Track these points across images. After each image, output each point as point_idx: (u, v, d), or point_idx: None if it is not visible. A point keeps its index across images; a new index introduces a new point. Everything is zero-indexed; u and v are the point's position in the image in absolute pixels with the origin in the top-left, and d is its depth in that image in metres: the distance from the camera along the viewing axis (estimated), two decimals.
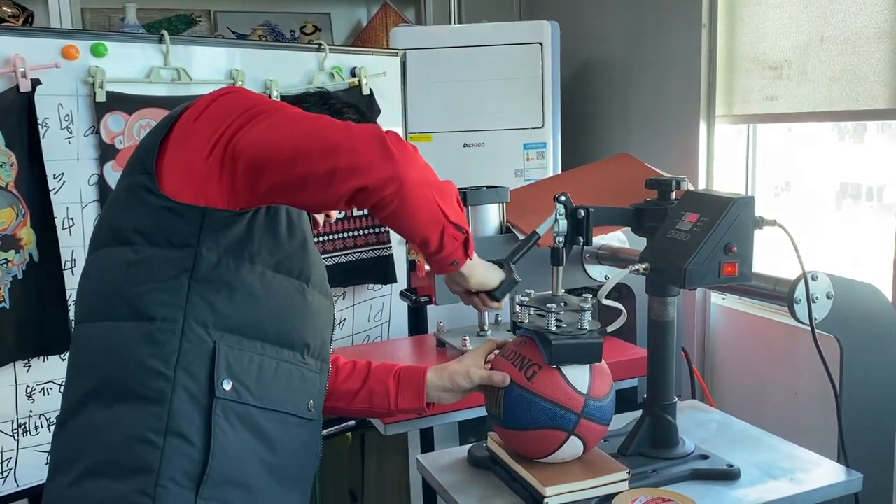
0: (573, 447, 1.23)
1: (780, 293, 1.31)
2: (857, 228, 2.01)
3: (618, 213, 1.34)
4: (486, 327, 1.85)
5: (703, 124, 2.24)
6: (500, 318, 1.93)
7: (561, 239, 1.27)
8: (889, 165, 1.93)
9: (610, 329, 1.29)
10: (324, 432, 2.11)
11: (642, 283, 1.38)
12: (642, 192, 1.42)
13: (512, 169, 2.43)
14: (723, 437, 1.47)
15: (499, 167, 2.41)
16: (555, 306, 1.23)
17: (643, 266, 1.24)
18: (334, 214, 1.34)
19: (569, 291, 1.32)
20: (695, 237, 1.18)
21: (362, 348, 2.01)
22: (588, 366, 1.24)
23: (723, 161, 2.24)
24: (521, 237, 1.77)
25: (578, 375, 1.22)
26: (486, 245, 1.76)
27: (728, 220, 1.17)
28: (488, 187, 1.82)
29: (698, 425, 1.52)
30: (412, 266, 1.81)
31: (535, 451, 1.25)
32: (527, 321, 1.26)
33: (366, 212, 2.08)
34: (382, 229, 2.13)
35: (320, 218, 1.31)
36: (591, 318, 1.25)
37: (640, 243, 1.50)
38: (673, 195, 1.33)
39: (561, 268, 1.28)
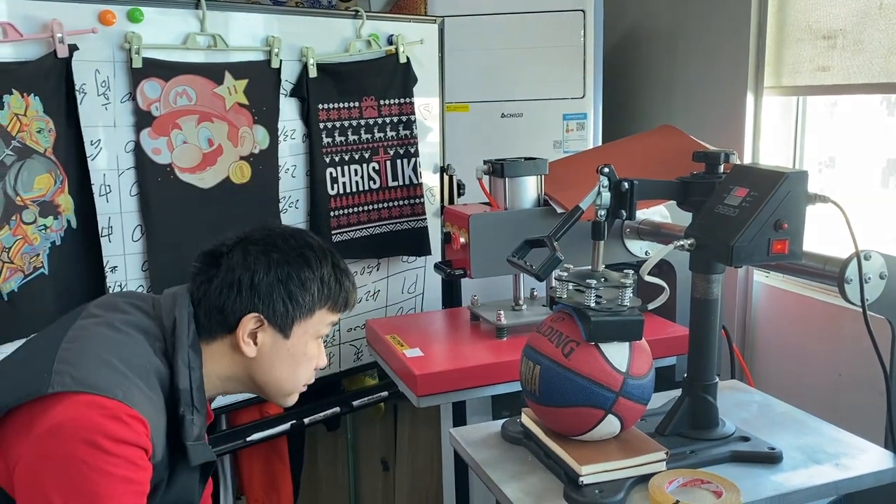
0: (610, 426, 1.20)
1: (829, 272, 1.26)
2: None
3: (663, 187, 1.29)
4: (521, 302, 1.82)
5: (751, 96, 2.16)
6: (535, 293, 1.90)
7: (603, 213, 1.24)
8: None
9: (651, 306, 1.25)
10: (356, 402, 2.13)
11: (683, 260, 1.33)
12: (687, 166, 1.37)
13: (550, 140, 2.38)
14: (764, 418, 1.43)
15: (537, 138, 2.36)
16: (594, 282, 1.19)
17: (688, 242, 1.20)
18: None
19: (608, 267, 1.29)
20: (743, 213, 1.14)
21: (396, 320, 2.00)
22: (628, 343, 1.20)
23: (769, 135, 2.16)
24: (559, 211, 1.73)
25: (617, 353, 1.19)
26: (524, 218, 1.73)
27: (779, 195, 1.12)
28: (526, 159, 1.78)
29: (738, 406, 1.49)
30: (447, 238, 1.78)
31: (570, 429, 1.22)
32: (565, 297, 1.23)
33: (401, 182, 2.06)
34: (418, 200, 2.10)
35: None
36: (632, 295, 1.21)
37: (683, 219, 1.45)
38: (721, 169, 1.28)
39: (602, 242, 1.24)
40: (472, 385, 1.59)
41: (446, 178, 2.21)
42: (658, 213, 1.81)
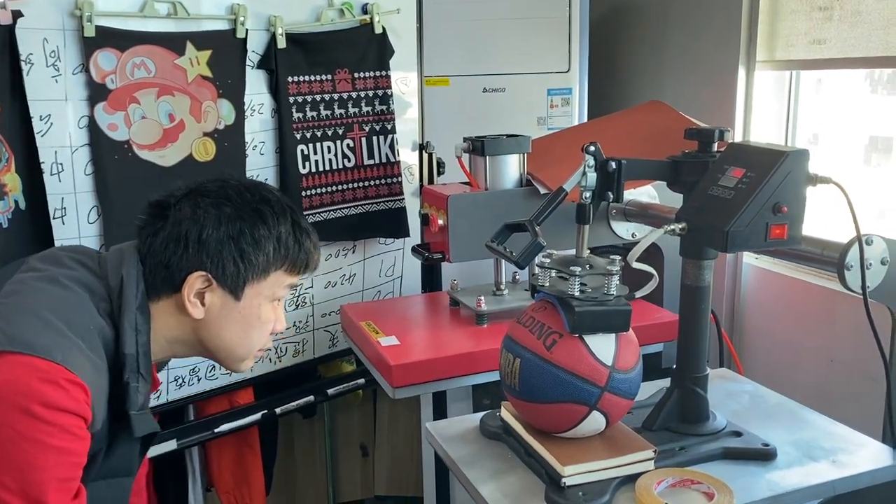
0: (595, 422, 1.12)
1: (828, 258, 1.18)
2: (887, 183, 1.86)
3: (652, 166, 1.20)
4: (502, 287, 1.74)
5: (742, 70, 2.08)
6: (518, 277, 1.82)
7: (588, 194, 1.15)
8: None
9: (639, 294, 1.17)
10: (331, 391, 2.05)
11: (672, 243, 1.25)
12: (678, 144, 1.29)
13: (534, 116, 2.28)
14: (756, 410, 1.36)
15: (520, 114, 2.26)
16: (579, 269, 1.11)
17: (679, 226, 1.11)
18: None
19: (592, 250, 1.20)
20: (740, 195, 1.05)
21: (372, 305, 1.91)
22: (614, 335, 1.12)
23: (761, 111, 2.08)
24: (542, 191, 1.65)
25: (603, 345, 1.11)
26: (505, 199, 1.64)
27: (778, 176, 1.03)
28: (508, 136, 1.69)
29: (729, 397, 1.41)
30: (425, 220, 1.69)
31: (553, 426, 1.14)
32: (547, 285, 1.15)
33: (377, 160, 1.96)
34: (395, 179, 2.01)
35: None
36: (618, 283, 1.13)
37: (672, 199, 1.37)
38: (714, 147, 1.20)
39: (587, 226, 1.15)
40: (450, 375, 1.51)
41: (425, 156, 2.12)
42: (646, 193, 1.73)
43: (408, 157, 2.08)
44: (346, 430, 2.68)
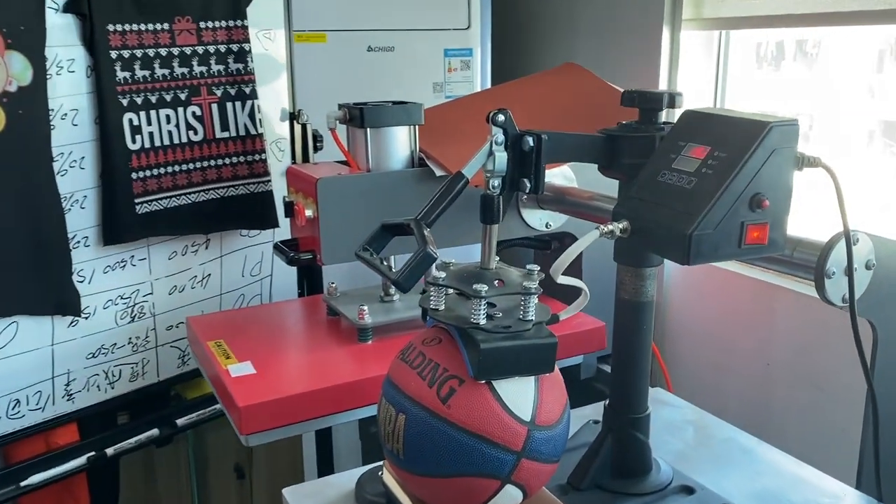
0: (508, 498, 0.81)
1: (801, 261, 0.91)
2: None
3: (581, 143, 0.89)
4: (392, 292, 1.41)
5: (667, 30, 1.80)
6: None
7: (497, 182, 0.82)
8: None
9: (566, 315, 0.87)
10: (181, 421, 1.67)
11: (590, 230, 0.96)
12: (606, 114, 0.98)
13: (429, 82, 1.94)
14: (704, 449, 1.10)
15: (413, 79, 1.92)
16: (485, 287, 0.79)
17: (620, 226, 0.81)
18: None
19: (499, 247, 0.89)
20: (705, 183, 0.75)
21: (226, 316, 1.53)
22: (533, 378, 0.81)
23: (688, 75, 1.82)
24: (438, 173, 1.31)
25: (519, 394, 0.80)
26: (392, 183, 1.30)
27: (759, 156, 0.74)
28: (394, 103, 1.34)
29: (669, 430, 1.14)
30: (288, 209, 1.33)
31: None
32: (442, 309, 0.82)
33: (233, 132, 1.58)
34: (258, 156, 1.62)
35: None
36: (538, 304, 0.82)
37: (596, 182, 1.08)
38: (662, 117, 0.90)
39: (496, 227, 0.83)
40: (321, 413, 1.17)
41: (297, 127, 1.74)
42: (560, 174, 1.42)
43: (275, 130, 1.70)
44: (218, 449, 2.30)
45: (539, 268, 0.85)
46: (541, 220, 1.43)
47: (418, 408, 0.79)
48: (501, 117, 0.81)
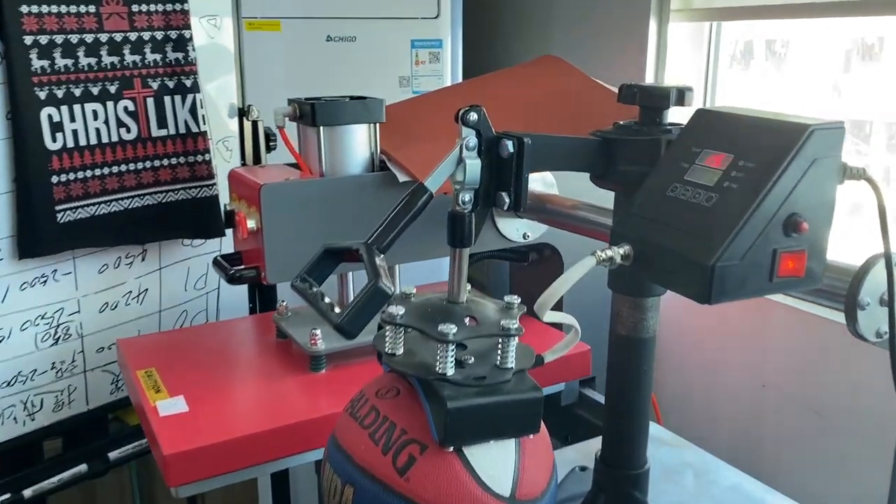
0: None
1: (829, 287, 0.76)
2: None
3: (571, 148, 0.73)
4: None
5: (654, 21, 1.66)
6: None
7: (468, 197, 0.67)
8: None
9: (553, 357, 0.72)
10: (117, 453, 1.49)
11: (574, 242, 0.81)
12: (593, 114, 0.84)
13: (395, 76, 1.79)
14: (707, 500, 0.95)
15: (377, 73, 1.76)
16: (453, 328, 0.63)
17: (621, 251, 0.65)
18: None
19: (470, 257, 0.74)
20: (729, 200, 0.60)
21: (169, 336, 1.35)
22: (514, 442, 0.66)
23: (676, 70, 1.68)
24: (402, 178, 1.15)
25: (497, 463, 0.64)
26: (347, 191, 1.13)
27: (797, 167, 0.59)
28: (352, 98, 1.17)
29: (666, 476, 1.00)
30: (229, 219, 1.16)
31: None
32: (400, 354, 0.66)
33: (172, 129, 1.40)
34: (201, 157, 1.45)
35: None
36: (519, 345, 0.67)
37: (582, 191, 0.93)
38: (666, 117, 0.74)
39: (466, 251, 0.67)
40: (262, 459, 1.00)
41: (248, 125, 1.57)
42: (540, 179, 1.27)
43: (223, 127, 1.53)
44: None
45: (519, 299, 0.70)
46: (518, 230, 1.27)
47: (369, 480, 0.64)
48: (474, 116, 0.66)
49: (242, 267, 1.17)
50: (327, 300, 0.64)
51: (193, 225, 1.47)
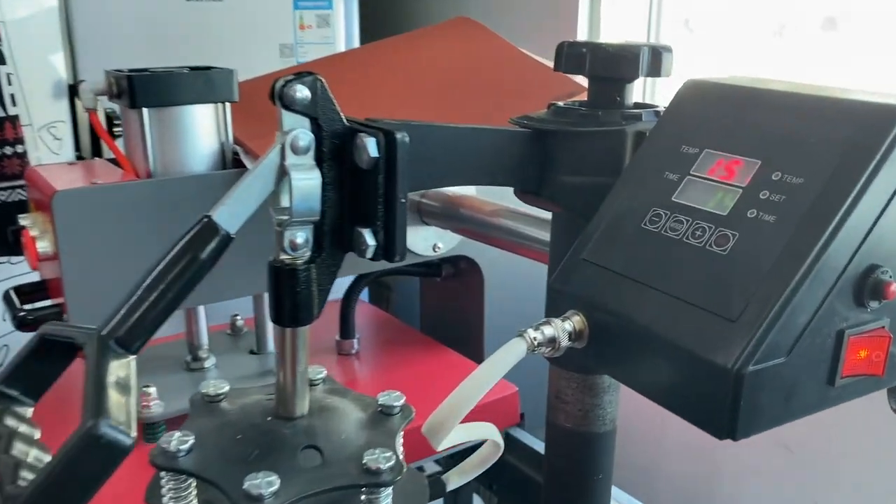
0: None
1: None
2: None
3: (481, 147, 0.45)
4: (203, 355, 0.94)
5: None
6: (240, 326, 1.03)
7: (301, 237, 0.37)
8: None
9: (458, 483, 0.45)
10: None
11: (498, 253, 0.56)
12: (520, 91, 0.57)
13: (275, 43, 1.48)
14: None
15: (252, 40, 1.46)
16: (274, 481, 0.34)
17: (568, 329, 0.37)
18: None
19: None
20: (758, 243, 0.33)
21: None
22: None
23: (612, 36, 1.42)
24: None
25: None
26: (184, 197, 0.82)
27: (885, 183, 0.32)
28: (192, 69, 0.86)
29: None
30: (16, 239, 0.83)
31: None
32: None
33: None
34: (12, 149, 1.11)
35: None
36: (403, 482, 0.39)
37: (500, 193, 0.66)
38: (626, 97, 0.47)
39: (305, 330, 0.38)
40: None
41: (80, 105, 1.23)
42: None
43: (49, 111, 1.19)
44: None
45: (403, 399, 0.42)
46: (426, 240, 0.99)
47: None
48: (304, 91, 0.37)
49: (43, 305, 0.85)
50: (18, 449, 0.34)
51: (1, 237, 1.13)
